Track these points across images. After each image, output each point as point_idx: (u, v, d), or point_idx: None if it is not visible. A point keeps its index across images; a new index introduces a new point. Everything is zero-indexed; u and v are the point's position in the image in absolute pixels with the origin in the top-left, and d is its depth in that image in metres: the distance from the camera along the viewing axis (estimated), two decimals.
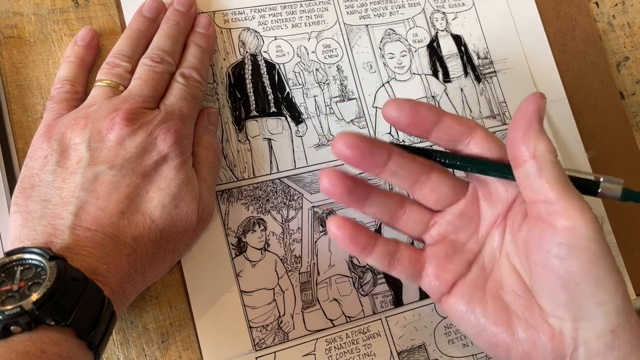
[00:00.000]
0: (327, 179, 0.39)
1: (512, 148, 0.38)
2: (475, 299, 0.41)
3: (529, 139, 0.37)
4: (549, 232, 0.36)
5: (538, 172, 0.36)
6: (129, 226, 0.39)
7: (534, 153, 0.36)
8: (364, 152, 0.39)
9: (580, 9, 0.61)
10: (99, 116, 0.41)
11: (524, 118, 0.37)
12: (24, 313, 0.33)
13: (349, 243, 0.41)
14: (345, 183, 0.40)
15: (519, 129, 0.37)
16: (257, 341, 0.46)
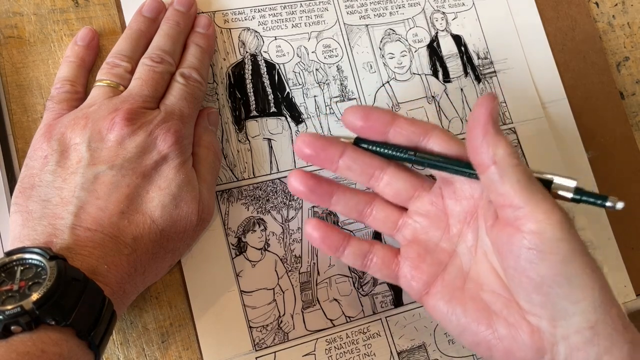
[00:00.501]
0: (292, 178, 0.44)
1: (472, 156, 0.38)
2: (455, 300, 0.41)
3: (487, 144, 0.36)
4: (517, 237, 0.36)
5: (501, 178, 0.36)
6: (129, 226, 0.39)
7: (494, 159, 0.36)
8: (317, 148, 0.43)
9: (580, 9, 0.61)
10: (99, 116, 0.41)
11: (479, 124, 0.37)
12: (24, 313, 0.33)
13: (321, 243, 0.44)
14: (307, 182, 0.43)
15: (475, 136, 0.37)
16: (257, 341, 0.46)
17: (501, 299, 0.40)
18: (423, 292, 0.43)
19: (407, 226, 0.44)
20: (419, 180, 0.44)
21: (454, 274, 0.42)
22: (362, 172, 0.43)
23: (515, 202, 0.36)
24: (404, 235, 0.44)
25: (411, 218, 0.44)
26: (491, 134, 0.36)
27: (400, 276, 0.44)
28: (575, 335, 0.37)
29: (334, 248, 0.44)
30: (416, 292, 0.43)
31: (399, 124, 0.42)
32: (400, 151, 0.42)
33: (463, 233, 0.43)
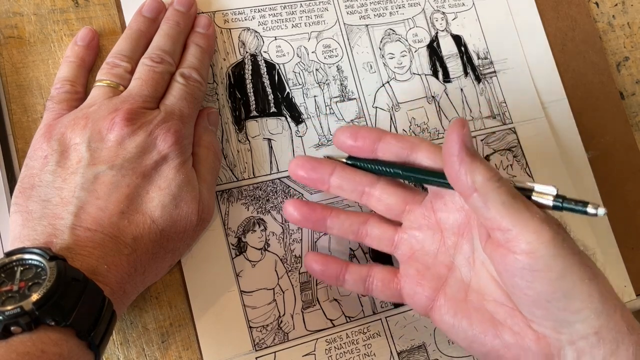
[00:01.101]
0: (287, 207, 0.46)
1: (454, 184, 0.38)
2: (460, 313, 0.42)
3: (464, 173, 0.36)
4: (510, 258, 0.36)
5: (485, 204, 0.36)
6: (129, 226, 0.39)
7: (474, 186, 0.36)
8: (308, 169, 0.45)
9: (580, 9, 0.61)
10: (99, 116, 0.41)
11: (453, 153, 0.37)
12: (24, 313, 0.33)
13: (321, 275, 0.46)
14: (301, 210, 0.46)
15: (451, 166, 0.37)
16: (257, 341, 0.46)
17: (504, 309, 0.40)
18: (428, 307, 0.43)
19: (404, 242, 0.45)
20: (410, 193, 0.45)
21: (456, 287, 0.43)
22: (354, 190, 0.45)
23: (504, 225, 0.36)
24: (402, 251, 0.45)
25: (406, 233, 0.45)
26: (466, 162, 0.36)
27: (403, 295, 0.44)
28: (581, 341, 0.37)
29: (334, 278, 0.46)
30: (421, 308, 0.44)
31: (386, 140, 0.43)
32: (388, 166, 0.43)
33: (459, 244, 0.43)
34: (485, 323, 0.40)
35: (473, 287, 0.42)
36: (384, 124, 0.53)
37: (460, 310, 0.42)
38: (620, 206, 0.57)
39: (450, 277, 0.43)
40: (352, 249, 0.49)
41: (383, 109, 0.53)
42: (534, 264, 0.35)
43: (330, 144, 0.51)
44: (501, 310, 0.40)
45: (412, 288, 0.44)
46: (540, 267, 0.35)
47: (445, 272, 0.43)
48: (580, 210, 0.37)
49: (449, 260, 0.43)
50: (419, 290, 0.43)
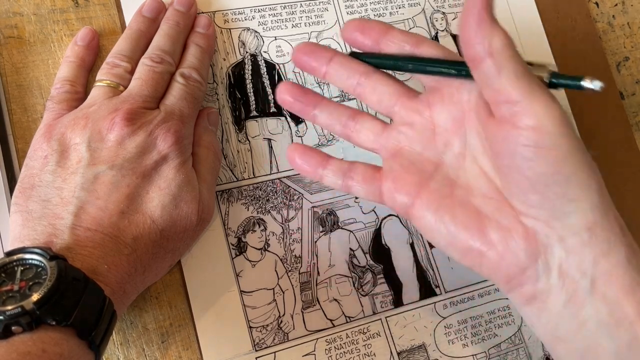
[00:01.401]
0: (280, 89, 0.45)
1: (466, 48, 0.35)
2: (442, 208, 0.40)
3: (482, 35, 0.34)
4: (514, 134, 0.34)
5: (497, 70, 0.34)
6: (129, 226, 0.39)
7: (489, 50, 0.34)
8: (308, 52, 0.44)
9: (580, 9, 0.61)
10: (99, 116, 0.41)
11: (473, 12, 0.34)
12: (24, 313, 0.33)
13: (301, 164, 0.45)
14: (293, 91, 0.45)
15: (469, 26, 0.34)
16: (257, 341, 0.46)
17: (493, 202, 0.39)
18: (408, 204, 0.41)
19: (391, 138, 0.43)
20: (405, 89, 0.44)
21: (441, 182, 0.41)
22: (349, 77, 0.44)
23: (513, 97, 0.34)
24: (386, 147, 0.43)
25: (395, 129, 0.43)
26: (487, 23, 0.34)
27: (383, 192, 0.42)
28: (572, 237, 0.36)
29: (313, 167, 0.45)
30: (401, 205, 0.41)
31: (392, 34, 0.42)
32: (393, 59, 0.43)
33: (449, 142, 0.41)
34: (469, 217, 0.39)
35: (460, 184, 0.40)
36: None
37: (444, 205, 0.40)
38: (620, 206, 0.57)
39: (435, 173, 0.41)
40: (352, 249, 0.50)
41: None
42: (540, 140, 0.34)
43: (330, 143, 0.51)
44: (489, 204, 0.39)
45: (393, 184, 0.42)
46: (546, 144, 0.34)
47: (431, 169, 0.42)
48: (575, 85, 0.35)
49: (437, 158, 0.42)
50: (400, 186, 0.41)
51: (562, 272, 0.36)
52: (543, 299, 0.37)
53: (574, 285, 0.36)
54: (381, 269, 0.50)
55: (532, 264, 0.37)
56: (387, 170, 0.43)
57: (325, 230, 0.49)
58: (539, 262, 0.37)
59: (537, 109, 0.33)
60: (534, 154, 0.34)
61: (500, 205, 0.38)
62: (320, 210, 0.50)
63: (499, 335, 0.51)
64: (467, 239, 0.38)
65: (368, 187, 0.43)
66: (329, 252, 0.49)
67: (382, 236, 0.50)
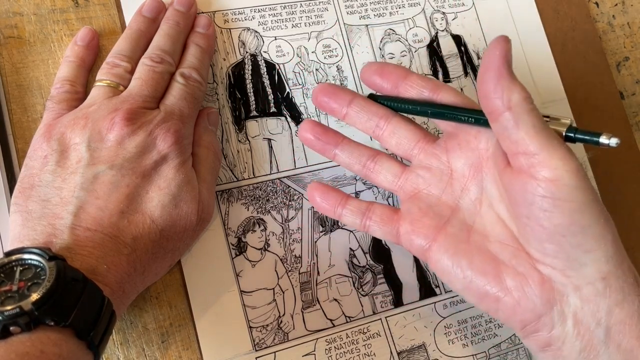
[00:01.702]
0: (302, 126, 0.47)
1: (485, 102, 0.36)
2: (460, 253, 0.40)
3: (501, 89, 0.35)
4: (532, 185, 0.35)
5: (515, 123, 0.35)
6: (129, 226, 0.39)
7: (508, 104, 0.35)
8: (328, 93, 0.45)
9: (580, 9, 0.61)
10: (99, 116, 0.41)
11: (492, 67, 0.35)
12: (23, 313, 0.33)
13: (320, 202, 0.46)
14: (315, 130, 0.46)
15: (488, 80, 0.36)
16: (257, 341, 0.46)
17: (509, 249, 0.39)
18: (425, 246, 0.42)
19: (409, 181, 0.45)
20: (423, 133, 0.45)
21: (458, 227, 0.42)
22: (369, 120, 0.45)
23: (531, 149, 0.35)
24: (405, 189, 0.45)
25: (414, 172, 0.45)
26: (506, 78, 0.35)
27: (401, 233, 0.44)
28: (587, 287, 0.36)
29: (332, 207, 0.46)
30: (418, 248, 0.43)
31: (411, 79, 0.43)
32: (413, 104, 0.43)
33: (466, 187, 0.42)
34: (486, 263, 0.39)
35: (476, 229, 0.41)
36: None
37: (461, 250, 0.41)
38: (620, 206, 0.57)
39: (452, 218, 0.42)
40: (352, 249, 0.50)
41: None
42: (557, 192, 0.35)
43: None
44: (506, 251, 0.39)
45: (411, 226, 0.43)
46: (563, 196, 0.35)
47: (448, 213, 0.43)
48: (593, 141, 0.36)
49: (454, 202, 0.43)
50: (417, 229, 0.42)
51: (577, 321, 0.37)
52: (558, 346, 0.38)
53: (589, 334, 0.37)
54: (381, 269, 0.50)
55: (547, 311, 0.38)
56: (405, 213, 0.44)
57: (325, 230, 0.49)
58: (554, 310, 0.37)
59: (554, 161, 0.34)
60: (551, 205, 0.35)
61: (517, 252, 0.39)
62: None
63: (499, 335, 0.51)
64: (483, 284, 0.39)
65: (386, 228, 0.44)
66: (329, 252, 0.49)
67: None
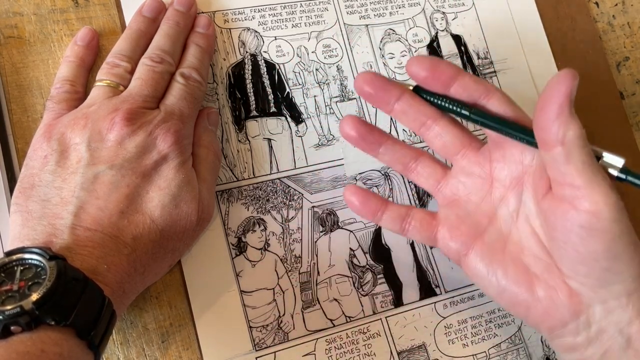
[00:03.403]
0: (346, 123, 0.45)
1: (539, 131, 0.37)
2: (495, 262, 0.42)
3: (558, 124, 0.36)
4: (572, 215, 0.37)
5: (566, 158, 0.36)
6: (129, 226, 0.39)
7: (562, 139, 0.36)
8: (377, 87, 0.44)
9: (580, 9, 0.61)
10: (99, 116, 0.41)
11: (554, 101, 0.36)
12: (24, 313, 0.33)
13: (360, 208, 0.46)
14: (359, 128, 0.45)
15: (547, 113, 0.36)
16: (257, 341, 0.46)
17: (542, 263, 0.41)
18: (462, 253, 0.44)
19: (449, 185, 0.45)
20: (468, 138, 0.45)
21: (494, 237, 0.43)
22: (415, 119, 0.44)
23: (577, 183, 0.36)
24: (445, 195, 0.45)
25: (455, 177, 0.45)
26: (565, 115, 0.36)
27: (438, 238, 0.45)
28: (613, 301, 0.39)
29: (372, 212, 0.46)
30: (454, 253, 0.44)
31: (462, 80, 0.42)
32: (458, 106, 0.42)
33: (505, 197, 0.43)
34: (520, 274, 0.41)
35: (512, 240, 0.43)
36: (384, 123, 0.53)
37: (496, 259, 0.42)
38: None
39: (489, 227, 0.44)
40: (352, 249, 0.50)
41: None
42: (595, 224, 0.36)
43: (330, 143, 0.51)
44: (538, 264, 0.41)
45: (449, 232, 0.44)
46: (600, 228, 0.36)
47: (486, 221, 0.44)
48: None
49: (491, 211, 0.44)
50: (455, 235, 0.44)
51: (600, 329, 0.40)
52: (582, 351, 0.41)
53: (610, 341, 0.39)
54: (381, 269, 0.50)
55: (574, 320, 0.40)
56: (443, 218, 0.45)
57: (325, 230, 0.49)
58: (580, 319, 0.40)
59: (597, 196, 0.36)
60: (588, 235, 0.37)
61: (549, 267, 0.41)
62: (320, 210, 0.50)
63: (499, 335, 0.51)
64: (516, 293, 0.41)
65: (424, 232, 0.45)
66: (329, 252, 0.49)
67: (382, 236, 0.50)
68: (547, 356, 0.51)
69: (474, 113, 0.42)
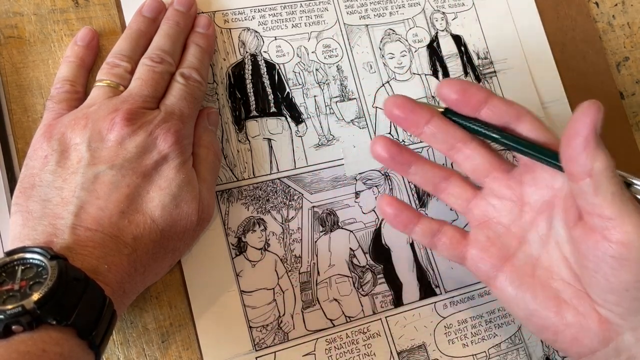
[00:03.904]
0: (377, 144, 0.46)
1: (567, 163, 0.37)
2: (524, 286, 0.42)
3: (585, 157, 0.36)
4: (603, 245, 0.37)
5: (594, 190, 0.36)
6: (129, 226, 0.39)
7: (590, 172, 0.36)
8: (407, 110, 0.44)
9: (580, 9, 0.61)
10: (99, 116, 0.41)
11: (580, 134, 0.36)
12: (25, 312, 0.33)
13: (393, 219, 0.46)
14: (390, 149, 0.45)
15: (574, 146, 0.36)
16: (257, 341, 0.46)
17: (571, 289, 0.41)
18: (491, 275, 0.44)
19: (479, 207, 0.45)
20: (498, 160, 0.45)
21: (524, 260, 0.43)
22: (445, 142, 0.44)
23: (606, 214, 0.36)
24: (475, 215, 0.45)
25: (485, 199, 0.45)
26: (592, 147, 0.36)
27: (467, 258, 0.45)
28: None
29: (405, 224, 0.46)
30: (483, 274, 0.44)
31: (493, 104, 0.42)
32: (488, 129, 0.42)
33: (536, 221, 0.43)
34: (549, 299, 0.41)
35: (542, 264, 0.42)
36: (384, 124, 0.53)
37: (525, 283, 0.42)
38: None
39: (519, 250, 0.43)
40: (352, 249, 0.50)
41: (383, 109, 0.53)
42: (627, 254, 0.36)
43: (330, 143, 0.51)
44: (568, 290, 0.41)
45: (479, 253, 0.44)
46: (632, 258, 0.36)
47: (516, 244, 0.44)
48: None
49: (522, 235, 0.44)
50: (485, 257, 0.44)
51: (630, 356, 0.39)
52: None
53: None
54: (381, 269, 0.50)
55: (603, 347, 0.40)
56: (473, 239, 0.45)
57: (325, 230, 0.49)
58: (610, 346, 0.40)
59: (628, 227, 0.36)
60: (620, 265, 0.36)
61: (579, 293, 0.41)
62: (320, 210, 0.50)
63: (499, 335, 0.51)
64: (545, 318, 0.41)
65: (454, 250, 0.45)
66: (329, 252, 0.49)
67: (382, 236, 0.50)
68: (547, 356, 0.51)
69: (504, 137, 0.42)
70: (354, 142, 0.52)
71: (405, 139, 0.53)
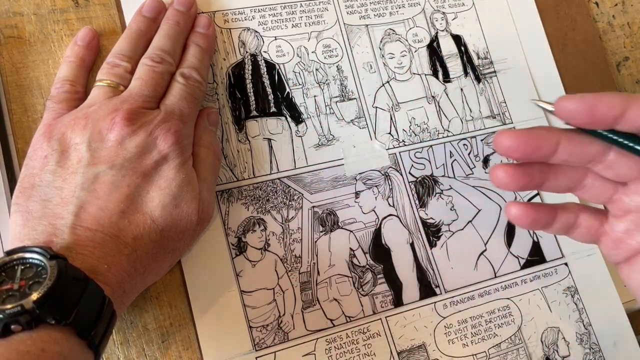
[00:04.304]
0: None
1: None
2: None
3: None
4: None
5: None
6: (129, 226, 0.39)
7: None
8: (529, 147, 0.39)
9: (580, 9, 0.61)
10: (99, 116, 0.41)
11: None
12: (24, 312, 0.33)
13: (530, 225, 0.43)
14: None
15: None
16: (257, 341, 0.46)
17: None
18: (622, 261, 0.43)
19: (622, 202, 0.42)
20: None
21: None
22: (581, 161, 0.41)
23: None
24: (617, 206, 0.42)
25: (629, 197, 0.42)
26: None
27: (602, 243, 0.43)
28: None
29: (543, 224, 0.43)
30: (614, 259, 0.43)
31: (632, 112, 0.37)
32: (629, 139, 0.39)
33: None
34: None
35: None
36: (384, 124, 0.53)
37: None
38: None
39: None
40: (352, 249, 0.49)
41: (383, 108, 0.53)
42: None
43: (330, 143, 0.51)
44: None
45: (614, 243, 0.43)
46: None
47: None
48: None
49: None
50: (620, 246, 0.42)
51: None
52: None
53: None
54: (381, 269, 0.50)
55: None
56: (611, 229, 0.43)
57: (325, 230, 0.49)
58: None
59: None
60: None
61: None
62: (320, 210, 0.50)
63: (499, 335, 0.51)
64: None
65: (588, 238, 0.44)
66: (329, 252, 0.49)
67: (382, 236, 0.50)
68: (547, 356, 0.51)
69: None
70: (354, 142, 0.52)
71: (405, 139, 0.53)
